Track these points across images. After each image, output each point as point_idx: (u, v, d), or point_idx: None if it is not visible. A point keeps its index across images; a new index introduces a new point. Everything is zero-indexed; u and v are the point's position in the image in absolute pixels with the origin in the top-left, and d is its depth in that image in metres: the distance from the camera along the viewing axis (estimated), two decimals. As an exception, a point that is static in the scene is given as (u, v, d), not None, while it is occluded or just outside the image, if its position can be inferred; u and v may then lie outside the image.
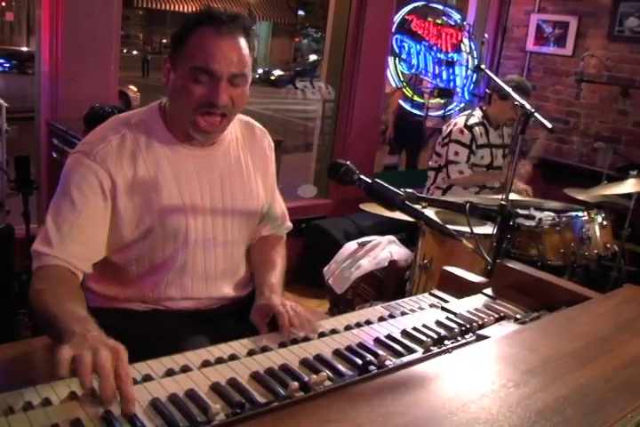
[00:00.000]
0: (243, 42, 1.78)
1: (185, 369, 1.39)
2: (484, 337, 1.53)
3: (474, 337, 1.57)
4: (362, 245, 4.17)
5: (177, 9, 28.51)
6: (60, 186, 1.80)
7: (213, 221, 1.95)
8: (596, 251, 3.66)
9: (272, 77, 24.92)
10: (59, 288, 1.63)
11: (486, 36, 5.94)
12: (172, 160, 1.87)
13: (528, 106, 2.77)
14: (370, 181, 1.69)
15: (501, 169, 4.51)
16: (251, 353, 1.50)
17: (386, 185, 1.67)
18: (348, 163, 1.72)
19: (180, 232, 1.89)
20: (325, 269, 4.23)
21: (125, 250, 1.89)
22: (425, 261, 3.43)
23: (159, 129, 1.88)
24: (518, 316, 1.73)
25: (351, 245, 4.23)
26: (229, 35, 1.74)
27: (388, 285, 3.93)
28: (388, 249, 4.07)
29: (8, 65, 14.48)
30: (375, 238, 4.20)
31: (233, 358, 1.47)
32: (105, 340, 1.33)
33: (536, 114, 2.73)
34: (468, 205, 1.88)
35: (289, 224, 2.26)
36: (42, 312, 1.53)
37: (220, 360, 1.45)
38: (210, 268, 1.99)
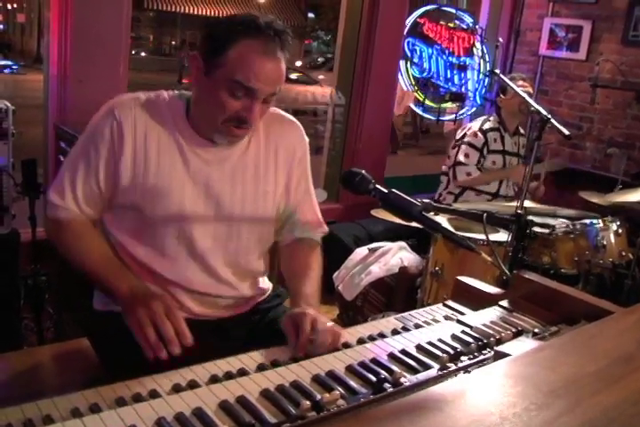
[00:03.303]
0: (283, 60, 1.77)
1: (192, 385, 1.35)
2: (503, 354, 1.47)
3: (491, 353, 1.52)
4: (372, 251, 4.12)
5: (187, 11, 28.60)
6: (82, 136, 1.88)
7: (216, 223, 1.90)
8: (610, 259, 3.60)
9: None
10: (86, 240, 1.85)
11: (501, 40, 5.87)
12: (184, 148, 1.84)
13: (544, 111, 2.72)
14: (386, 191, 1.63)
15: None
16: (260, 368, 1.46)
17: (402, 195, 1.61)
18: (363, 171, 1.66)
19: (175, 221, 1.86)
20: (335, 274, 4.18)
21: (116, 212, 1.91)
22: (436, 269, 3.38)
23: (182, 121, 1.86)
24: (536, 330, 1.68)
25: (361, 251, 4.18)
26: (273, 54, 1.73)
27: (398, 291, 3.88)
28: (398, 255, 4.02)
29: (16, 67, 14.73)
30: (386, 244, 4.15)
31: (242, 373, 1.42)
32: (151, 293, 1.67)
33: (552, 120, 2.68)
34: (485, 215, 1.83)
35: (323, 229, 2.19)
36: (78, 265, 1.82)
37: (228, 375, 1.41)
38: (211, 265, 1.94)
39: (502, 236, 3.32)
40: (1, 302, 3.00)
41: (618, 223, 3.67)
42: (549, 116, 2.70)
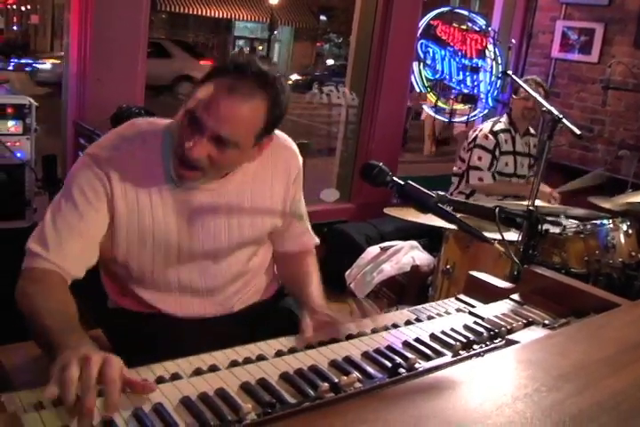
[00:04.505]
0: (256, 106, 1.62)
1: (213, 368, 1.40)
2: (514, 342, 1.52)
3: (503, 342, 1.57)
4: (384, 249, 4.16)
5: (200, 13, 28.66)
6: (65, 186, 1.74)
7: (216, 261, 1.90)
8: (620, 259, 3.63)
9: (288, 82, 24.72)
10: (50, 293, 1.56)
11: (514, 41, 5.91)
12: (176, 190, 1.77)
13: (556, 111, 2.75)
14: (403, 182, 1.68)
15: (525, 177, 4.53)
16: (279, 354, 1.51)
17: (419, 187, 1.66)
18: (381, 164, 1.71)
19: (172, 259, 1.84)
20: (347, 273, 4.23)
21: (117, 261, 1.85)
22: (447, 267, 3.42)
23: (170, 153, 1.74)
24: (546, 322, 1.72)
25: (373, 250, 4.22)
26: (241, 95, 1.59)
27: (410, 290, 3.92)
28: (410, 254, 4.06)
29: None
30: (397, 243, 4.19)
31: (261, 358, 1.47)
32: (97, 351, 1.26)
33: (564, 120, 2.72)
34: (497, 209, 1.87)
35: (314, 240, 2.17)
36: (32, 318, 1.47)
37: (248, 360, 1.46)
38: (210, 290, 1.94)
39: (513, 235, 3.35)
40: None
41: (628, 224, 3.70)
42: (561, 116, 2.73)
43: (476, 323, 1.72)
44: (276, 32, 31.53)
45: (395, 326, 1.71)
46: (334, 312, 1.76)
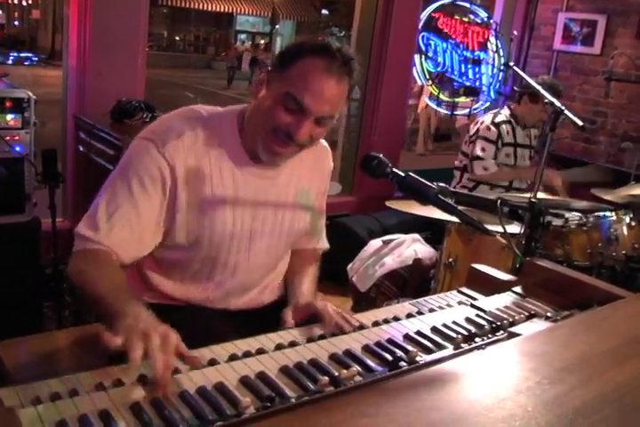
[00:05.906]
0: (346, 85, 1.73)
1: (212, 362, 1.39)
2: (516, 334, 1.51)
3: (505, 334, 1.55)
4: (386, 242, 4.14)
5: (201, 7, 28.63)
6: (120, 169, 1.74)
7: (260, 242, 1.92)
8: (623, 251, 3.61)
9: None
10: (103, 269, 1.61)
11: (515, 33, 5.89)
12: (236, 175, 1.81)
13: (558, 103, 2.74)
14: (403, 174, 1.67)
15: None
16: (279, 347, 1.49)
17: (419, 179, 1.65)
18: (381, 155, 1.70)
19: (223, 248, 1.85)
20: (349, 266, 4.21)
21: (171, 251, 1.85)
22: (450, 260, 3.40)
23: (233, 140, 1.81)
24: (549, 314, 1.71)
25: (375, 243, 4.20)
26: (337, 76, 1.68)
27: (412, 283, 3.91)
28: (412, 247, 4.04)
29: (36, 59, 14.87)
30: (399, 236, 4.18)
31: (261, 352, 1.45)
32: (155, 324, 1.34)
33: (566, 112, 2.70)
34: (499, 201, 1.86)
35: (324, 244, 2.23)
36: (87, 292, 1.53)
37: (247, 354, 1.44)
38: (248, 281, 1.98)
39: (515, 228, 3.33)
40: (22, 290, 3.04)
41: (631, 216, 3.68)
42: (563, 108, 2.72)
43: (477, 316, 1.71)
44: (277, 26, 31.49)
45: (396, 318, 1.70)
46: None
